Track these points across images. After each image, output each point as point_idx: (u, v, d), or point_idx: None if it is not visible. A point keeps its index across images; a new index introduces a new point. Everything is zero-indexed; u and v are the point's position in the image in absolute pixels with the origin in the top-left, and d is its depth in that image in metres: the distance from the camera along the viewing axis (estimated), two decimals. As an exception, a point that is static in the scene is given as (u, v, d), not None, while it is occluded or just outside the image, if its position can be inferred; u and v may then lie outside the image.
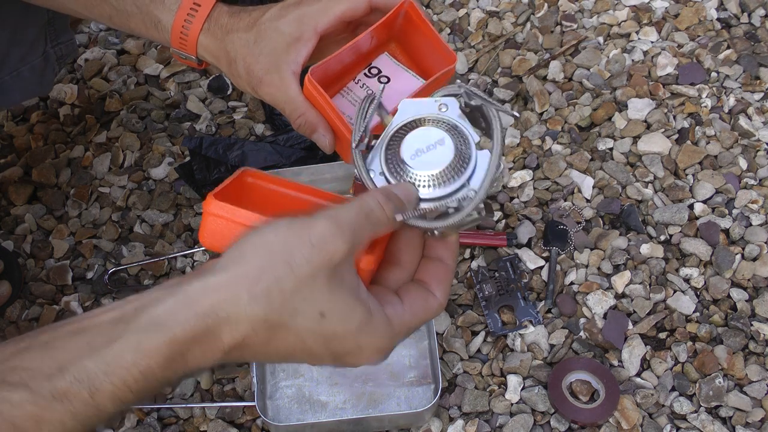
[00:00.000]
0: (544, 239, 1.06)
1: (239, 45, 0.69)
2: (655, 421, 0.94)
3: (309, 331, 0.46)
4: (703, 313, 1.01)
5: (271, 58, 0.68)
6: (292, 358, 0.48)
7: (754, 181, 1.10)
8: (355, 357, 0.48)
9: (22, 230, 1.13)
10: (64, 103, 1.25)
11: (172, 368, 0.45)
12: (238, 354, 0.47)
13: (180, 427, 0.97)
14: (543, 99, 1.19)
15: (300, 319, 0.46)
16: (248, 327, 0.45)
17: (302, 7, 0.68)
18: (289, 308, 0.45)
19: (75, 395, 0.44)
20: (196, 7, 0.71)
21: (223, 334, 0.45)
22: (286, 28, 0.67)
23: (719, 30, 1.25)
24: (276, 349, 0.47)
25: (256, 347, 0.46)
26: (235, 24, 0.70)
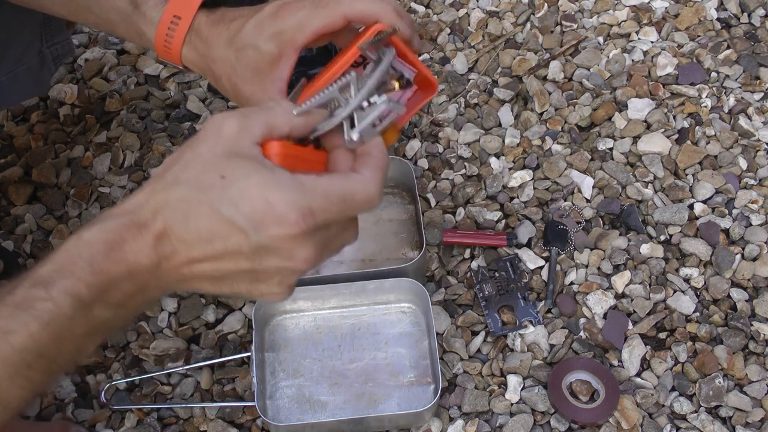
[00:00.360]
0: (544, 239, 1.06)
1: (221, 63, 0.68)
2: (655, 421, 0.94)
3: (216, 197, 0.48)
4: (703, 313, 1.01)
5: (255, 79, 0.66)
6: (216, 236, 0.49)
7: (754, 181, 1.10)
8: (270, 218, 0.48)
9: (22, 230, 1.13)
10: (64, 103, 1.25)
11: (113, 258, 0.49)
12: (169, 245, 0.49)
13: (180, 427, 0.97)
14: (543, 99, 1.19)
15: (205, 189, 0.48)
16: (166, 212, 0.49)
17: (279, 22, 0.65)
18: (194, 183, 0.49)
19: (33, 297, 0.47)
20: (177, 20, 0.68)
21: (147, 221, 0.49)
22: (265, 46, 0.65)
23: (719, 30, 1.25)
24: (196, 230, 0.49)
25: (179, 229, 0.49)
26: (216, 38, 0.68)
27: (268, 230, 0.48)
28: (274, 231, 0.48)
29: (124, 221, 0.50)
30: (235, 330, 1.03)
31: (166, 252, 0.50)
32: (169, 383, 1.00)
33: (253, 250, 0.49)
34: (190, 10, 0.68)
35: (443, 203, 1.11)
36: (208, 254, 0.50)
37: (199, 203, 0.48)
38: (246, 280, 0.52)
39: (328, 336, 1.02)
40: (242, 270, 0.51)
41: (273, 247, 0.49)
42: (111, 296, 0.50)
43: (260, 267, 0.50)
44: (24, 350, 0.47)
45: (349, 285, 1.00)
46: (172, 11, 0.68)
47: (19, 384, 0.48)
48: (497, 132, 1.17)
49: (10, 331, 0.47)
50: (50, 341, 0.48)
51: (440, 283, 1.05)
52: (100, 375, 1.01)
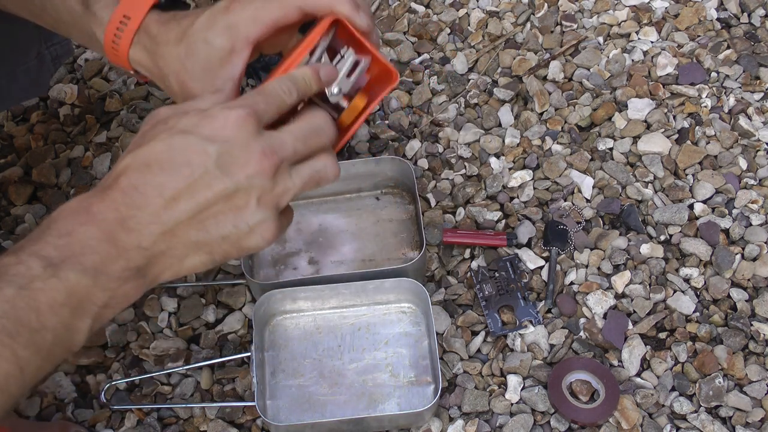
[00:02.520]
0: (544, 239, 1.06)
1: (170, 59, 0.66)
2: (655, 421, 0.94)
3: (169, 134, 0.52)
4: (703, 313, 1.01)
5: (205, 75, 0.64)
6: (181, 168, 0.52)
7: (754, 181, 1.10)
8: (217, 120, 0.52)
9: (22, 230, 1.12)
10: (64, 103, 1.25)
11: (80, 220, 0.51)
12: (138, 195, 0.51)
13: (180, 427, 0.97)
14: (543, 99, 1.19)
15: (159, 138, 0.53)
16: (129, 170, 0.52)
17: (231, 15, 0.63)
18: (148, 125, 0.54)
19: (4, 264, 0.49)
20: (126, 20, 0.67)
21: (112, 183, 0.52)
22: (216, 39, 0.63)
23: (719, 30, 1.25)
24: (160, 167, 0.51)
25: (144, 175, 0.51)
26: (165, 35, 0.66)
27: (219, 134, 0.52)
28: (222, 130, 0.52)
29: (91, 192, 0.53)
30: (235, 330, 1.03)
31: (136, 201, 0.51)
32: (169, 383, 1.00)
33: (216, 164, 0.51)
34: (140, 10, 0.67)
35: (443, 203, 1.11)
36: (179, 186, 0.51)
37: (154, 148, 0.52)
38: (228, 212, 0.53)
39: (328, 336, 1.02)
40: (218, 195, 0.52)
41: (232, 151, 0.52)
42: (85, 259, 0.50)
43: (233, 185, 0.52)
44: (2, 316, 0.48)
45: (349, 285, 1.00)
46: (122, 11, 0.67)
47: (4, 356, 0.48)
48: (497, 132, 1.17)
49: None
50: (27, 307, 0.48)
51: (440, 283, 1.05)
52: (100, 375, 1.01)
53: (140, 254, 0.52)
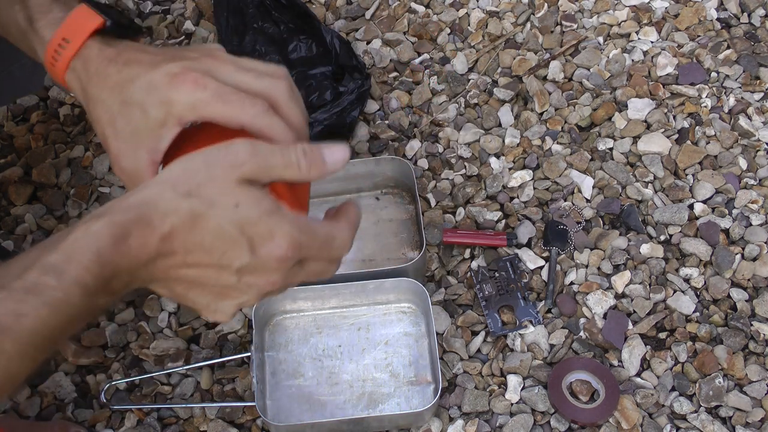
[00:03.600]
0: (544, 239, 1.06)
1: (101, 107, 0.63)
2: (655, 421, 0.94)
3: (226, 218, 0.53)
4: (703, 313, 1.01)
5: (130, 138, 0.62)
6: (214, 250, 0.54)
7: (754, 181, 1.10)
8: (268, 241, 0.54)
9: (22, 230, 1.13)
10: (64, 103, 1.25)
11: (120, 251, 0.51)
12: (170, 247, 0.53)
13: (180, 427, 0.97)
14: (543, 99, 1.19)
15: (218, 209, 0.53)
16: (175, 218, 0.52)
17: (173, 92, 0.60)
18: (207, 201, 0.52)
19: (44, 285, 0.50)
20: (65, 43, 0.64)
21: (155, 222, 0.52)
22: (152, 110, 0.60)
23: (719, 30, 1.25)
24: (201, 240, 0.53)
25: (183, 236, 0.53)
26: (102, 79, 0.63)
27: (261, 252, 0.54)
28: (265, 252, 0.54)
29: (132, 217, 0.52)
30: (235, 330, 1.03)
31: (166, 251, 0.53)
32: (169, 383, 1.00)
33: (241, 267, 0.54)
34: (80, 35, 0.63)
35: (443, 203, 1.11)
36: (201, 262, 0.54)
37: (208, 218, 0.52)
38: (214, 293, 0.57)
39: (328, 336, 1.02)
40: (220, 283, 0.56)
41: (257, 267, 0.55)
42: (112, 286, 0.53)
43: (236, 283, 0.56)
44: (34, 333, 0.50)
45: (349, 285, 1.00)
46: (62, 34, 0.64)
47: (25, 363, 0.51)
48: (497, 132, 1.17)
49: (22, 314, 0.49)
50: (57, 326, 0.51)
51: (440, 283, 1.05)
52: (100, 375, 1.01)
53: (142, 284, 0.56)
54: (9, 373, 0.50)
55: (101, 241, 0.51)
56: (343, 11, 1.32)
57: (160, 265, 0.54)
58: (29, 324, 0.49)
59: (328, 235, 0.58)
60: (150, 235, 0.52)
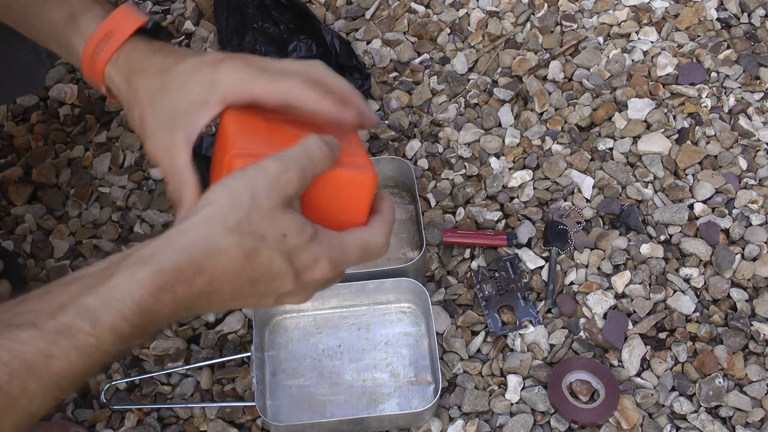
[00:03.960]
0: (544, 239, 1.06)
1: (142, 90, 0.64)
2: (655, 421, 0.94)
3: (275, 250, 0.53)
4: (703, 313, 1.01)
5: (168, 117, 0.62)
6: (261, 284, 0.54)
7: (754, 181, 1.10)
8: (312, 269, 0.55)
9: (22, 230, 1.13)
10: (64, 103, 1.25)
11: (163, 301, 0.50)
12: (219, 285, 0.53)
13: (180, 427, 0.97)
14: (543, 99, 1.19)
15: (267, 242, 0.53)
16: (226, 258, 0.52)
17: (218, 72, 0.61)
18: (258, 235, 0.52)
19: (77, 329, 0.48)
20: (107, 38, 0.65)
21: (205, 265, 0.51)
22: (195, 88, 0.61)
23: (719, 30, 1.25)
24: (249, 277, 0.53)
25: (234, 277, 0.53)
26: (146, 64, 0.64)
27: (304, 278, 0.56)
28: (309, 275, 0.56)
29: (179, 263, 0.51)
30: (235, 330, 1.03)
31: (214, 292, 0.53)
32: (169, 383, 1.00)
33: (283, 293, 0.56)
34: (126, 30, 0.65)
35: (443, 203, 1.11)
36: (248, 295, 0.55)
37: (260, 253, 0.53)
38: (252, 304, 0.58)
39: (328, 336, 1.02)
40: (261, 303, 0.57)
41: (297, 290, 0.56)
42: (148, 332, 0.52)
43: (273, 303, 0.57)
44: (60, 375, 0.49)
45: (349, 285, 1.00)
46: (107, 27, 0.65)
47: (47, 400, 0.50)
48: (497, 132, 1.17)
49: (51, 356, 0.48)
50: (84, 370, 0.50)
51: (440, 283, 1.05)
52: (100, 375, 1.01)
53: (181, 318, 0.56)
54: (30, 412, 0.49)
55: (145, 290, 0.50)
56: (343, 11, 1.32)
57: (203, 304, 0.54)
58: (57, 366, 0.49)
59: (363, 244, 0.59)
60: (198, 279, 0.52)
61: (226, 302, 0.55)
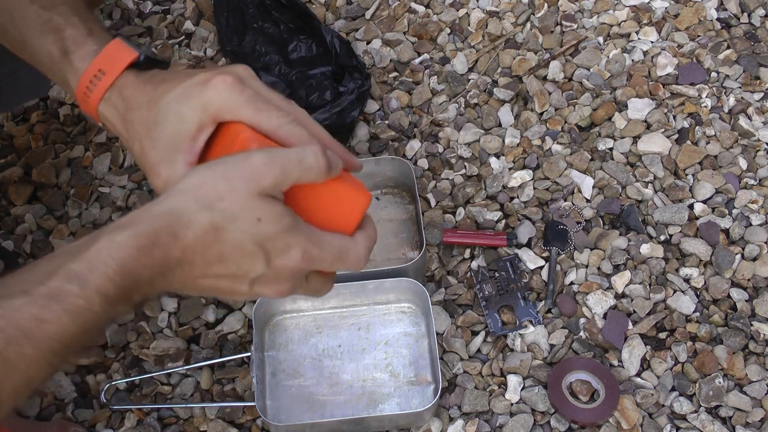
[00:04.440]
0: (544, 239, 1.06)
1: (138, 125, 0.64)
2: (655, 421, 0.94)
3: (247, 233, 0.55)
4: (703, 313, 1.01)
5: (167, 147, 0.63)
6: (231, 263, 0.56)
7: (754, 181, 1.10)
8: (283, 254, 0.56)
9: (22, 230, 1.13)
10: (64, 103, 1.25)
11: (143, 262, 0.53)
12: (190, 257, 0.55)
13: (180, 427, 0.97)
14: (543, 99, 1.19)
15: (240, 223, 0.54)
16: (197, 229, 0.54)
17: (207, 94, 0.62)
18: (230, 215, 0.54)
19: (67, 292, 0.51)
20: (100, 75, 0.65)
21: (179, 232, 0.54)
22: (187, 115, 0.62)
23: (719, 30, 1.25)
24: (219, 252, 0.55)
25: (204, 249, 0.54)
26: (138, 99, 0.65)
27: (275, 263, 0.56)
28: (279, 262, 0.56)
29: (156, 227, 0.53)
30: (235, 330, 1.03)
31: (186, 261, 0.55)
32: (169, 383, 1.00)
33: (255, 277, 0.57)
34: (116, 67, 0.65)
35: (443, 203, 1.11)
36: (218, 272, 0.56)
37: (230, 232, 0.54)
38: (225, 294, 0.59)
39: (328, 336, 1.02)
40: (233, 289, 0.58)
41: (270, 277, 0.57)
42: (132, 295, 0.54)
43: (248, 290, 0.58)
44: (53, 339, 0.51)
45: (349, 285, 1.00)
46: (97, 65, 0.65)
47: (43, 367, 0.52)
48: (497, 132, 1.17)
49: (44, 320, 0.50)
50: (76, 333, 0.52)
51: (440, 283, 1.05)
52: (100, 375, 1.01)
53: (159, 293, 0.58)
54: (27, 377, 0.51)
55: (125, 252, 0.52)
56: (343, 11, 1.32)
57: (179, 275, 0.55)
58: (50, 330, 0.50)
59: (342, 247, 0.60)
60: (173, 245, 0.54)
61: (198, 279, 0.56)
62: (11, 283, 0.52)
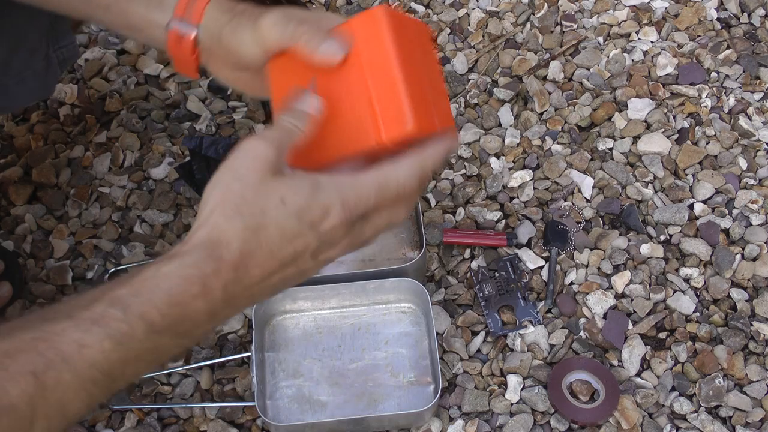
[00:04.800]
0: (544, 239, 1.06)
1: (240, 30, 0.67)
2: (655, 421, 0.94)
3: (281, 216, 0.55)
4: (703, 313, 1.01)
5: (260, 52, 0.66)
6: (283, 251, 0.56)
7: (754, 181, 1.10)
8: (327, 217, 0.56)
9: (22, 230, 1.13)
10: (64, 103, 1.25)
11: (191, 292, 0.52)
12: (245, 269, 0.54)
13: (180, 427, 0.97)
14: (543, 99, 1.19)
15: (270, 212, 0.54)
16: (238, 241, 0.54)
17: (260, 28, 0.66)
18: (258, 210, 0.54)
19: (110, 317, 0.50)
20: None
21: (223, 254, 0.53)
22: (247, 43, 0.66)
23: (719, 30, 1.25)
24: (268, 248, 0.55)
25: (256, 254, 0.55)
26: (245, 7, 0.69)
27: (322, 228, 0.56)
28: (326, 225, 0.56)
29: (201, 255, 0.53)
30: (235, 330, 1.03)
31: (244, 276, 0.55)
32: (169, 383, 1.00)
33: (314, 250, 0.57)
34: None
35: (443, 203, 1.11)
36: (278, 266, 0.56)
37: (267, 226, 0.54)
38: (296, 278, 0.59)
39: (328, 336, 1.02)
40: (300, 270, 0.58)
41: (326, 242, 0.57)
42: (183, 329, 0.53)
43: (314, 264, 0.58)
44: (94, 365, 0.49)
45: (349, 285, 1.00)
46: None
47: (81, 397, 0.50)
48: (497, 132, 1.17)
49: (85, 345, 0.49)
50: (118, 361, 0.50)
51: (440, 283, 1.05)
52: (100, 375, 1.01)
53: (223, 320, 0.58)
54: (62, 404, 0.49)
55: (171, 281, 0.52)
56: (343, 11, 1.32)
57: (242, 292, 0.55)
58: (91, 355, 0.49)
59: (381, 180, 0.57)
60: (223, 269, 0.53)
61: (264, 283, 0.56)
62: (59, 308, 0.51)
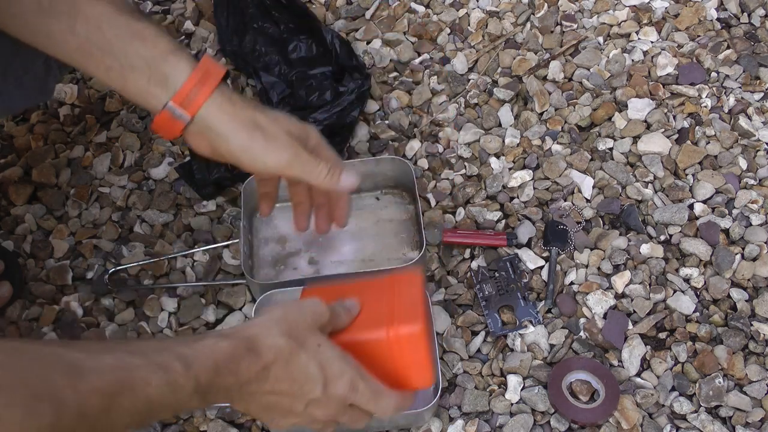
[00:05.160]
0: (544, 239, 1.06)
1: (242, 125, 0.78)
2: (655, 421, 0.94)
3: (311, 356, 0.68)
4: (703, 313, 1.01)
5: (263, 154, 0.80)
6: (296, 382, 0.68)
7: (754, 181, 1.10)
8: (337, 381, 0.69)
9: (22, 230, 1.13)
10: (64, 103, 1.25)
11: (231, 368, 0.63)
12: (266, 374, 0.66)
13: (180, 427, 0.97)
14: (543, 99, 1.19)
15: (306, 347, 0.68)
16: (277, 350, 0.66)
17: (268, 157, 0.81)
18: (300, 340, 0.68)
19: (173, 368, 0.59)
20: (206, 77, 0.77)
21: (263, 352, 0.66)
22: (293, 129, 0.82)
23: (719, 30, 1.25)
24: (290, 372, 0.67)
25: (278, 367, 0.66)
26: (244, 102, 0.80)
27: (329, 388, 0.69)
28: (332, 389, 0.69)
29: (248, 345, 0.65)
30: (235, 330, 1.03)
31: (261, 378, 0.66)
32: (169, 383, 1.00)
33: (312, 399, 0.68)
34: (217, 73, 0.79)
35: (443, 203, 1.11)
36: (284, 391, 0.67)
37: (300, 355, 0.67)
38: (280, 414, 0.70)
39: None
40: (290, 408, 0.69)
41: (323, 401, 0.69)
42: (210, 395, 0.63)
43: (302, 411, 0.69)
44: (147, 402, 0.58)
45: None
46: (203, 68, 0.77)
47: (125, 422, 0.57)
48: (497, 132, 1.17)
49: (149, 384, 0.58)
50: (162, 406, 0.59)
51: (440, 283, 1.05)
52: (100, 375, 1.01)
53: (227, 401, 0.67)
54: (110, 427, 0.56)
55: (223, 354, 0.63)
56: (343, 11, 1.33)
57: (253, 388, 0.66)
58: (150, 393, 0.58)
59: (379, 390, 0.72)
60: (256, 362, 0.65)
61: (266, 395, 0.67)
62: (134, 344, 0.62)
